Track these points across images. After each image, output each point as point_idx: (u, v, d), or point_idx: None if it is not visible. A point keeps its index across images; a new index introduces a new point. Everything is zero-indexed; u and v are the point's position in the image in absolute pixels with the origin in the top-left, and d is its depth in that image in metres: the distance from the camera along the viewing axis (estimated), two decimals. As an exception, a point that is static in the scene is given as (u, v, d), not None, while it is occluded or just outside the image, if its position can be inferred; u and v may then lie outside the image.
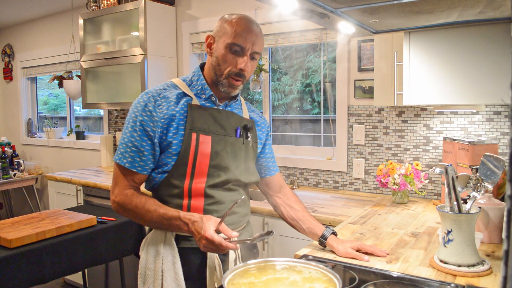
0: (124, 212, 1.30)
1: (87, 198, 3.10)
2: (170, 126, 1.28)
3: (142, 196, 1.28)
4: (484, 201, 1.48)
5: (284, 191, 1.58)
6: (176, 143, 1.28)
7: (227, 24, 1.30)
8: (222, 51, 1.30)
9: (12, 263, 1.72)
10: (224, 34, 1.29)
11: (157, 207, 1.25)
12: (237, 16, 1.31)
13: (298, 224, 1.50)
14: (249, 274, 1.08)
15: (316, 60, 2.88)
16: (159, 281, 1.28)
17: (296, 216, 1.51)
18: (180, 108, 1.30)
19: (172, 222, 1.23)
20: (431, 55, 1.64)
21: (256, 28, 1.31)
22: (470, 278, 1.19)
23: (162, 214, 1.24)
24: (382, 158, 2.48)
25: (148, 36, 3.11)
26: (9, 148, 4.51)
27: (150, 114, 1.27)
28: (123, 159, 1.28)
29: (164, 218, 1.24)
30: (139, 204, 1.26)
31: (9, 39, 5.07)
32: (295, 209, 1.52)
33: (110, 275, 2.96)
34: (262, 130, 1.52)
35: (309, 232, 1.47)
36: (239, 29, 1.27)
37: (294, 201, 1.54)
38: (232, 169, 1.34)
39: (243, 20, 1.30)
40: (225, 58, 1.29)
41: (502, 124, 2.09)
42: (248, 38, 1.28)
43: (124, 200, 1.28)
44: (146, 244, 1.35)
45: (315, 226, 1.46)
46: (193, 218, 1.20)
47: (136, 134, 1.28)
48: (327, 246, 1.42)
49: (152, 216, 1.25)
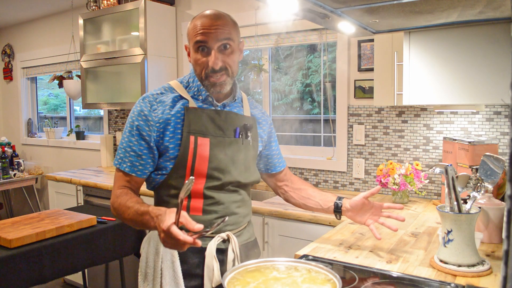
0: (114, 211, 1.28)
1: (87, 198, 3.10)
2: (166, 130, 1.27)
3: (127, 195, 1.25)
4: (484, 201, 1.48)
5: (289, 178, 1.60)
6: (173, 147, 1.28)
7: (190, 25, 1.28)
8: (193, 55, 1.28)
9: (12, 263, 1.72)
10: (190, 38, 1.28)
11: (135, 203, 1.20)
12: (197, 15, 1.29)
13: (310, 201, 1.51)
14: (249, 274, 1.08)
15: (316, 60, 2.88)
16: (158, 280, 1.28)
17: (306, 194, 1.53)
18: (176, 111, 1.29)
19: (143, 217, 1.16)
20: (431, 55, 1.64)
21: (215, 17, 1.25)
22: (470, 278, 1.19)
23: (136, 210, 1.18)
24: (382, 158, 2.48)
25: (148, 36, 3.11)
26: (9, 148, 4.51)
27: (145, 118, 1.27)
28: (123, 164, 1.29)
29: (138, 213, 1.18)
30: (122, 202, 1.24)
31: (9, 39, 5.08)
32: (303, 189, 1.54)
33: (110, 275, 2.96)
34: (264, 127, 1.50)
35: (323, 203, 1.48)
36: (198, 25, 1.24)
37: (301, 183, 1.57)
38: (231, 171, 1.33)
39: (199, 16, 1.27)
40: (197, 61, 1.27)
41: (502, 124, 2.09)
42: (208, 32, 1.23)
43: (114, 200, 1.27)
44: (146, 243, 1.36)
45: (327, 196, 1.49)
46: (158, 212, 1.11)
47: (133, 139, 1.28)
48: (343, 214, 1.45)
49: (129, 213, 1.20)
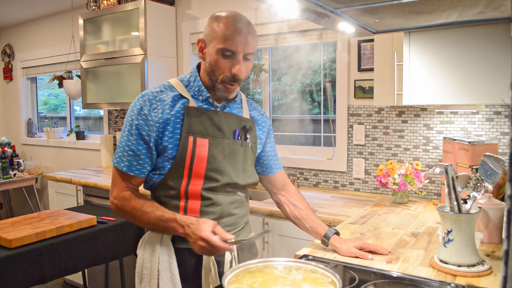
0: (122, 213, 1.31)
1: (87, 198, 3.10)
2: (166, 130, 1.27)
3: (140, 198, 1.29)
4: (484, 201, 1.48)
5: (288, 188, 1.57)
6: (171, 147, 1.27)
7: (217, 26, 1.25)
8: (214, 56, 1.26)
9: (12, 263, 1.72)
10: (214, 39, 1.25)
11: (154, 208, 1.26)
12: (225, 16, 1.25)
13: (301, 223, 1.49)
14: (249, 274, 1.08)
15: (316, 60, 2.88)
16: (155, 281, 1.28)
17: (299, 215, 1.50)
18: (176, 111, 1.28)
19: (168, 224, 1.23)
20: (431, 55, 1.64)
21: (246, 28, 1.25)
22: (470, 278, 1.19)
23: (159, 216, 1.24)
24: (382, 158, 2.48)
25: (148, 36, 3.11)
26: (9, 148, 4.51)
27: (145, 117, 1.26)
28: (121, 163, 1.29)
29: (161, 220, 1.24)
30: (136, 206, 1.27)
31: (9, 39, 5.08)
32: (299, 208, 1.51)
33: (110, 275, 2.96)
34: (263, 129, 1.50)
35: (312, 231, 1.46)
36: (228, 32, 1.22)
37: (298, 199, 1.53)
38: (229, 173, 1.33)
39: (231, 21, 1.24)
40: (218, 64, 1.26)
41: (502, 124, 2.09)
42: (238, 41, 1.23)
43: (122, 202, 1.29)
44: (143, 243, 1.35)
45: (318, 225, 1.46)
46: (189, 221, 1.20)
47: (132, 138, 1.27)
48: (329, 245, 1.42)
49: (149, 218, 1.26)
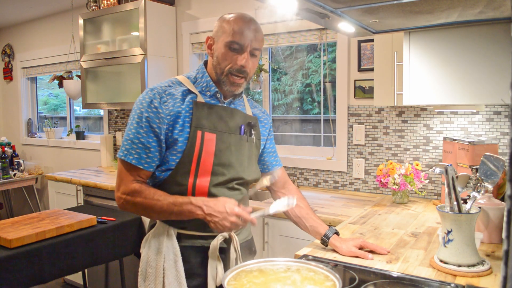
0: (132, 206, 1.29)
1: (87, 198, 3.10)
2: (176, 123, 1.28)
3: (150, 188, 1.28)
4: (484, 201, 1.48)
5: (288, 187, 1.57)
6: (181, 140, 1.28)
7: (225, 23, 1.31)
8: (222, 50, 1.30)
9: (12, 263, 1.72)
10: (223, 34, 1.30)
11: (166, 196, 1.26)
12: (235, 14, 1.32)
13: (301, 222, 1.49)
14: (250, 274, 1.08)
15: (316, 60, 2.88)
16: (160, 279, 1.28)
17: (300, 214, 1.50)
18: (186, 105, 1.30)
19: (183, 207, 1.23)
20: (431, 55, 1.64)
21: (254, 25, 1.31)
22: (470, 278, 1.19)
23: (173, 202, 1.24)
24: (382, 158, 2.48)
25: (148, 36, 3.11)
26: (9, 148, 4.50)
27: (156, 110, 1.27)
28: (129, 156, 1.27)
29: (175, 205, 1.23)
30: (148, 195, 1.26)
31: (9, 39, 5.07)
32: (299, 207, 1.50)
33: (110, 275, 2.96)
34: (266, 126, 1.53)
35: (312, 231, 1.46)
36: (237, 27, 1.28)
37: (298, 198, 1.51)
38: (236, 167, 1.35)
39: (241, 18, 1.31)
40: (225, 56, 1.30)
41: (502, 124, 2.09)
42: (246, 35, 1.28)
43: (133, 194, 1.27)
44: (147, 242, 1.35)
45: (318, 224, 1.46)
46: (205, 201, 1.22)
47: (142, 130, 1.27)
48: (329, 245, 1.42)
49: (162, 205, 1.24)
